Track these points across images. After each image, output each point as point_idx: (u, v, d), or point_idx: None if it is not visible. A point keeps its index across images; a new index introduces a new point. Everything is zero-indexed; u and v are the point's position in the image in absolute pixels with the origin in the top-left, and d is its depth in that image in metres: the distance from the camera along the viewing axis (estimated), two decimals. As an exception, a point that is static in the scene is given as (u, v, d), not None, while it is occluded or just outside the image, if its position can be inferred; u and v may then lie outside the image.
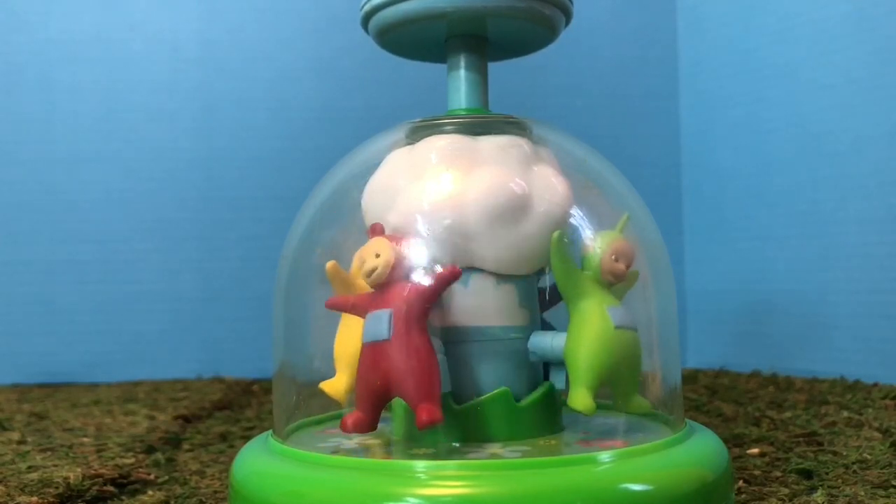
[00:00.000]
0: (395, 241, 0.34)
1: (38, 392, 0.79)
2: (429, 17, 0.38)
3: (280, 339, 0.40)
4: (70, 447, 0.51)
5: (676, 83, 0.95)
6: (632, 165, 0.44)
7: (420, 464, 0.30)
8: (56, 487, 0.40)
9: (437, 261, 0.35)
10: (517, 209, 0.35)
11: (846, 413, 0.55)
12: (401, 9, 0.38)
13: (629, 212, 0.37)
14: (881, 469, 0.41)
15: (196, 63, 0.89)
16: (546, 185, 0.36)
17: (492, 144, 0.37)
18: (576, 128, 0.41)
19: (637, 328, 0.35)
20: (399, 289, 0.33)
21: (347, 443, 0.36)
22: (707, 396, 0.66)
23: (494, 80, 0.42)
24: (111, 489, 0.41)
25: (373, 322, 0.33)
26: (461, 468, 0.29)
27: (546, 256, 0.34)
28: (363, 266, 0.34)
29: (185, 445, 0.53)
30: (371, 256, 0.33)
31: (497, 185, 0.35)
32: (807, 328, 0.78)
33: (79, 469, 0.43)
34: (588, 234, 0.35)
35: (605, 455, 0.30)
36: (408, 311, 0.32)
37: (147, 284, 0.88)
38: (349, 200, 0.39)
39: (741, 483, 0.39)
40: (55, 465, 0.45)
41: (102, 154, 0.88)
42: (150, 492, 0.41)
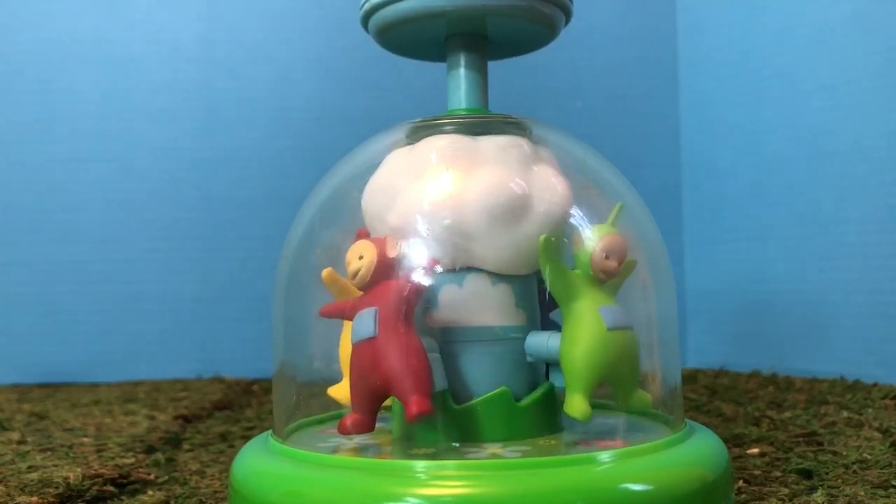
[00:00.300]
0: (379, 243, 0.34)
1: (38, 392, 0.79)
2: (428, 16, 0.38)
3: (280, 339, 0.40)
4: (70, 447, 0.51)
5: (676, 83, 0.95)
6: (632, 165, 0.44)
7: (420, 464, 0.30)
8: (56, 487, 0.40)
9: (435, 260, 0.35)
10: (517, 209, 0.35)
11: (846, 413, 0.55)
12: (400, 7, 0.38)
13: (629, 212, 0.37)
14: (881, 469, 0.41)
15: (196, 63, 0.89)
16: (546, 185, 0.36)
17: (492, 144, 0.37)
18: (576, 128, 0.41)
19: (632, 326, 0.34)
20: (384, 287, 0.33)
21: (347, 443, 0.36)
22: (707, 396, 0.66)
23: (494, 80, 0.42)
24: (111, 489, 0.41)
25: (360, 321, 0.33)
26: (461, 468, 0.29)
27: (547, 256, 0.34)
28: (348, 268, 0.34)
29: (185, 445, 0.53)
30: (355, 258, 0.34)
31: (497, 185, 0.35)
32: (807, 328, 0.78)
33: (79, 469, 0.43)
34: (578, 232, 0.34)
35: (605, 455, 0.30)
36: (394, 308, 0.32)
37: (147, 284, 0.88)
38: (349, 200, 0.39)
39: (741, 483, 0.39)
40: (55, 465, 0.45)
41: (102, 154, 0.88)
42: (150, 492, 0.41)
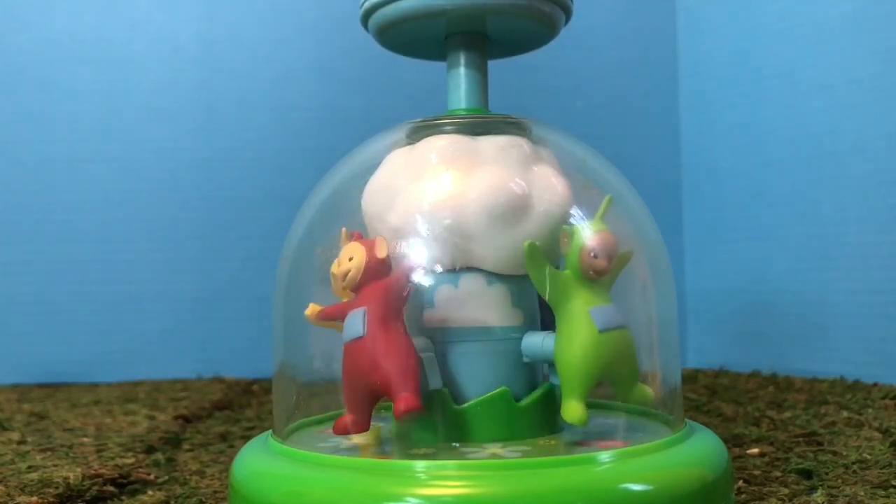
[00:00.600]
0: (372, 241, 0.34)
1: (38, 392, 0.79)
2: (428, 15, 0.38)
3: (280, 339, 0.40)
4: (70, 447, 0.51)
5: (676, 83, 0.95)
6: (632, 165, 0.44)
7: (420, 464, 0.30)
8: (56, 487, 0.40)
9: (437, 261, 0.35)
10: (517, 209, 0.35)
11: (846, 413, 0.55)
12: (400, 6, 0.38)
13: (629, 212, 0.37)
14: (881, 469, 0.41)
15: (196, 63, 0.89)
16: (546, 185, 0.36)
17: (492, 144, 0.37)
18: (576, 128, 0.41)
19: (626, 324, 0.34)
20: (373, 287, 0.33)
21: (347, 443, 0.36)
22: (707, 396, 0.66)
23: (494, 80, 0.42)
24: (111, 489, 0.41)
25: (350, 321, 0.33)
26: (461, 468, 0.29)
27: (547, 256, 0.34)
28: (338, 269, 0.34)
29: (185, 445, 0.53)
30: (345, 260, 0.34)
31: (497, 185, 0.35)
32: (807, 328, 0.78)
33: (79, 469, 0.43)
34: (565, 231, 0.34)
35: (605, 455, 0.30)
36: (382, 307, 0.33)
37: (147, 284, 0.88)
38: (349, 200, 0.39)
39: (741, 483, 0.39)
40: (55, 465, 0.45)
41: (102, 154, 0.88)
42: (150, 492, 0.41)
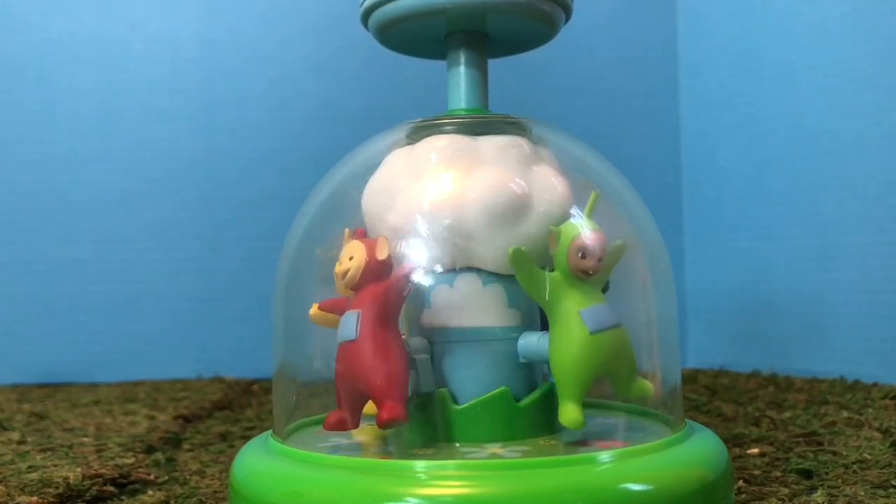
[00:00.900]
0: (373, 242, 0.34)
1: (38, 392, 0.79)
2: (428, 13, 0.38)
3: (280, 339, 0.40)
4: (70, 447, 0.51)
5: (676, 83, 0.95)
6: (632, 165, 0.44)
7: (420, 464, 0.30)
8: (56, 487, 0.40)
9: (437, 261, 0.35)
10: (517, 209, 0.35)
11: (846, 413, 0.55)
12: (400, 4, 0.38)
13: (629, 212, 0.37)
14: (881, 469, 0.41)
15: (196, 63, 0.89)
16: (546, 185, 0.36)
17: (492, 144, 0.37)
18: (576, 128, 0.41)
19: (619, 323, 0.33)
20: (370, 290, 0.33)
21: (347, 442, 0.36)
22: (707, 396, 0.66)
23: (494, 80, 0.42)
24: (111, 489, 0.41)
25: (344, 322, 0.33)
26: (461, 468, 0.29)
27: (541, 257, 0.34)
28: (339, 268, 0.34)
29: (185, 445, 0.53)
30: (346, 260, 0.34)
31: (497, 185, 0.35)
32: (807, 328, 0.78)
33: (79, 469, 0.43)
34: (552, 233, 0.33)
35: (605, 455, 0.30)
36: (375, 312, 0.33)
37: (147, 284, 0.88)
38: (349, 200, 0.39)
39: (741, 483, 0.39)
40: (55, 465, 0.45)
41: (102, 154, 0.88)
42: (150, 492, 0.41)
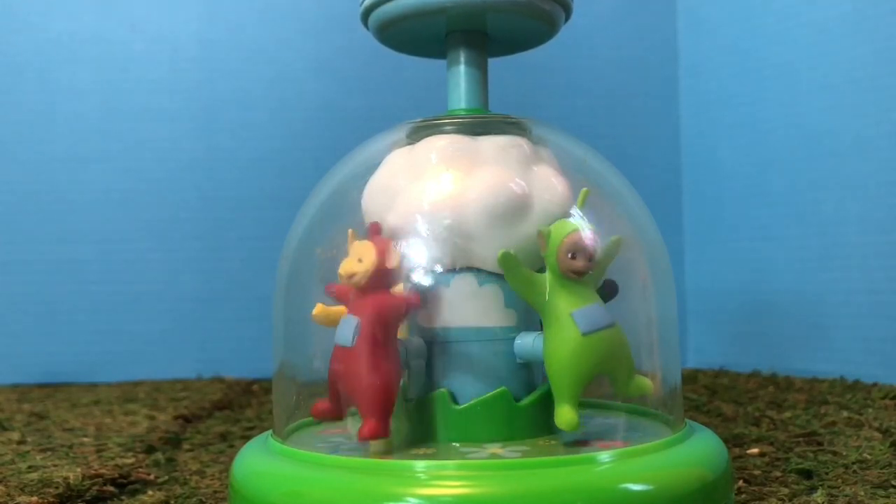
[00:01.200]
0: (384, 246, 0.33)
1: (38, 392, 0.79)
2: (428, 12, 0.38)
3: (280, 339, 0.40)
4: (70, 447, 0.51)
5: (676, 83, 0.95)
6: (632, 165, 0.44)
7: (420, 464, 0.30)
8: (56, 487, 0.40)
9: (437, 261, 0.35)
10: (517, 209, 0.35)
11: (846, 413, 0.55)
12: (400, 4, 0.38)
13: (629, 212, 0.37)
14: (881, 469, 0.41)
15: (196, 63, 0.89)
16: (546, 186, 0.36)
17: (492, 144, 0.37)
18: (576, 128, 0.41)
19: (613, 323, 0.33)
20: (373, 300, 0.33)
21: (347, 443, 0.36)
22: (707, 396, 0.66)
23: (494, 80, 0.42)
24: (111, 489, 0.41)
25: (343, 326, 0.33)
26: (461, 468, 0.29)
27: (538, 259, 0.34)
28: (346, 266, 0.34)
29: (185, 445, 0.53)
30: (354, 260, 0.33)
31: (497, 185, 0.35)
32: (807, 328, 0.78)
33: (79, 469, 0.43)
34: (542, 233, 0.33)
35: (605, 455, 0.30)
36: (373, 326, 0.32)
37: (147, 284, 0.88)
38: (349, 200, 0.39)
39: (741, 483, 0.39)
40: (55, 465, 0.45)
41: (102, 154, 0.88)
42: (150, 492, 0.41)
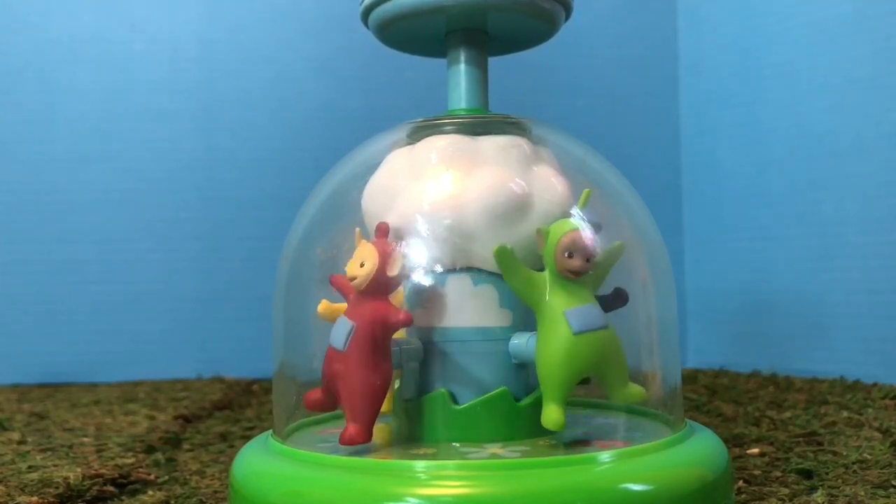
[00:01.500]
0: (388, 251, 0.33)
1: (38, 392, 0.79)
2: (429, 11, 0.38)
3: (280, 339, 0.40)
4: (70, 447, 0.51)
5: (676, 83, 0.95)
6: (632, 165, 0.44)
7: (420, 464, 0.30)
8: (56, 487, 0.40)
9: (437, 261, 0.35)
10: (517, 209, 0.35)
11: (846, 413, 0.55)
12: (400, 3, 0.38)
13: (629, 212, 0.37)
14: (881, 469, 0.41)
15: (196, 63, 0.89)
16: (546, 185, 0.36)
17: (492, 144, 0.37)
18: (576, 128, 0.41)
19: (606, 325, 0.33)
20: (370, 308, 0.33)
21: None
22: (707, 396, 0.66)
23: (494, 79, 0.42)
24: (111, 489, 0.41)
25: (338, 327, 0.33)
26: (461, 468, 0.29)
27: (537, 258, 0.34)
28: (349, 267, 0.34)
29: (185, 445, 0.53)
30: (356, 265, 0.33)
31: (497, 185, 0.35)
32: (807, 328, 0.78)
33: (79, 469, 0.43)
34: (541, 232, 0.33)
35: (605, 455, 0.30)
36: (368, 334, 0.33)
37: (147, 284, 0.88)
38: (349, 200, 0.39)
39: (741, 483, 0.39)
40: (55, 465, 0.45)
41: (102, 154, 0.88)
42: (150, 492, 0.41)
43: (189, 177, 0.89)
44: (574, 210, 0.35)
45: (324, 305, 0.37)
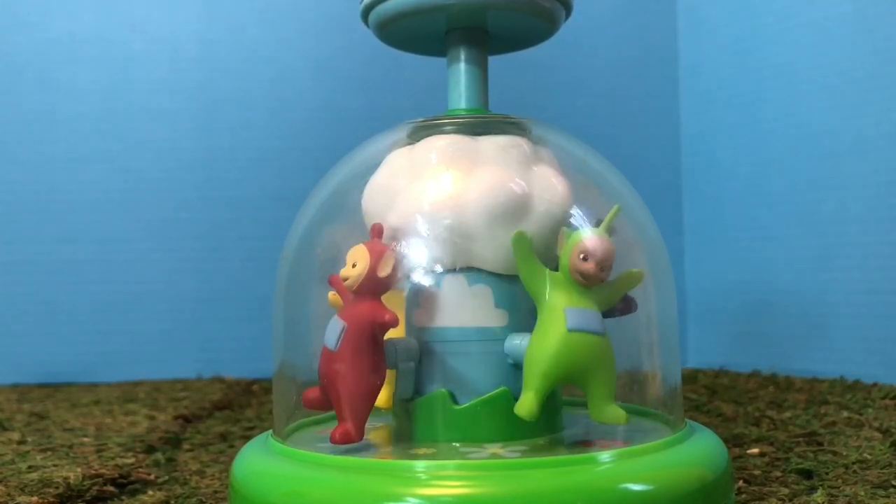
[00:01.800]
0: (380, 252, 0.33)
1: (38, 392, 0.79)
2: (429, 10, 0.38)
3: (280, 339, 0.40)
4: (70, 447, 0.51)
5: (676, 83, 0.95)
6: (632, 165, 0.44)
7: (420, 464, 0.30)
8: (56, 487, 0.40)
9: (437, 261, 0.35)
10: (517, 209, 0.35)
11: (846, 413, 0.55)
12: (400, 1, 0.38)
13: (629, 211, 0.37)
14: (881, 469, 0.41)
15: (196, 63, 0.89)
16: (546, 185, 0.36)
17: (492, 145, 0.37)
18: (576, 128, 0.41)
19: (602, 332, 0.32)
20: (361, 309, 0.33)
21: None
22: (707, 396, 0.66)
23: (494, 79, 0.42)
24: (111, 489, 0.41)
25: (330, 327, 0.34)
26: (461, 468, 0.29)
27: (547, 256, 0.34)
28: (342, 272, 0.34)
29: (185, 445, 0.53)
30: (349, 264, 0.34)
31: (497, 185, 0.35)
32: (807, 328, 0.78)
33: (79, 469, 0.43)
34: (564, 231, 0.33)
35: (605, 455, 0.30)
36: (359, 334, 0.33)
37: (147, 284, 0.88)
38: (349, 200, 0.39)
39: (741, 483, 0.39)
40: (55, 465, 0.45)
41: (102, 154, 0.88)
42: (150, 492, 0.41)
43: (189, 177, 0.89)
44: (575, 210, 0.35)
45: (334, 294, 0.37)
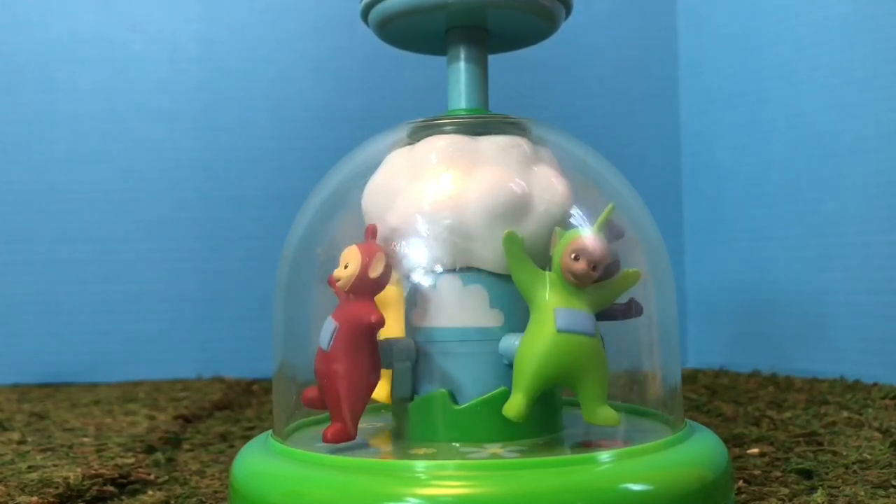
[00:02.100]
0: (372, 253, 0.34)
1: (38, 392, 0.79)
2: (429, 8, 0.38)
3: (280, 339, 0.40)
4: (70, 447, 0.51)
5: (676, 83, 0.95)
6: (632, 165, 0.44)
7: (420, 464, 0.30)
8: (56, 487, 0.40)
9: (437, 261, 0.35)
10: (517, 209, 0.35)
11: (846, 413, 0.55)
12: (400, 0, 0.38)
13: (629, 211, 0.37)
14: (881, 469, 0.41)
15: (196, 63, 0.89)
16: (546, 186, 0.36)
17: (492, 145, 0.37)
18: (576, 128, 0.41)
19: (593, 333, 0.32)
20: (352, 309, 0.33)
21: (347, 442, 0.35)
22: (707, 396, 0.66)
23: (494, 79, 0.42)
24: (111, 489, 0.41)
25: (325, 328, 0.34)
26: (461, 468, 0.29)
27: (546, 257, 0.34)
28: (335, 272, 0.34)
29: (185, 445, 0.53)
30: (342, 265, 0.34)
31: (497, 185, 0.35)
32: (807, 328, 0.78)
33: (79, 469, 0.43)
34: (557, 231, 0.33)
35: (605, 455, 0.30)
36: (351, 335, 0.33)
37: (147, 284, 0.88)
38: (349, 200, 0.39)
39: (741, 483, 0.39)
40: (55, 465, 0.45)
41: (102, 154, 0.88)
42: (150, 492, 0.41)
43: (189, 176, 0.89)
44: (575, 210, 0.35)
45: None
